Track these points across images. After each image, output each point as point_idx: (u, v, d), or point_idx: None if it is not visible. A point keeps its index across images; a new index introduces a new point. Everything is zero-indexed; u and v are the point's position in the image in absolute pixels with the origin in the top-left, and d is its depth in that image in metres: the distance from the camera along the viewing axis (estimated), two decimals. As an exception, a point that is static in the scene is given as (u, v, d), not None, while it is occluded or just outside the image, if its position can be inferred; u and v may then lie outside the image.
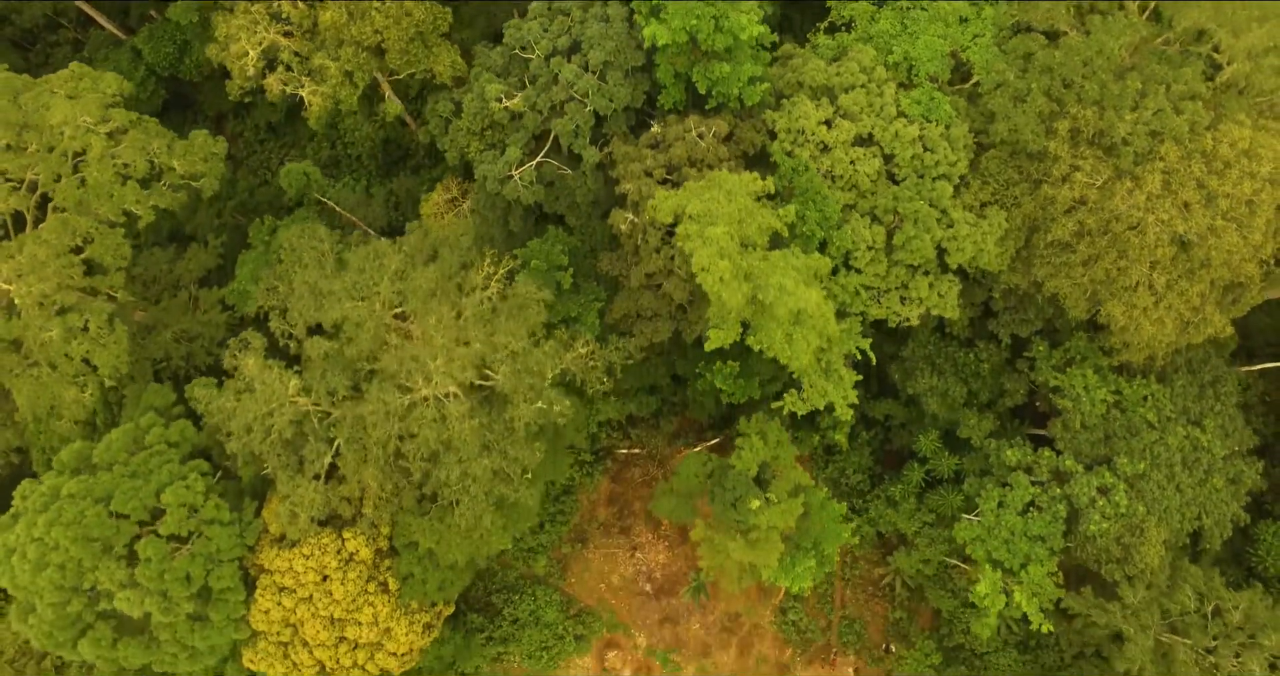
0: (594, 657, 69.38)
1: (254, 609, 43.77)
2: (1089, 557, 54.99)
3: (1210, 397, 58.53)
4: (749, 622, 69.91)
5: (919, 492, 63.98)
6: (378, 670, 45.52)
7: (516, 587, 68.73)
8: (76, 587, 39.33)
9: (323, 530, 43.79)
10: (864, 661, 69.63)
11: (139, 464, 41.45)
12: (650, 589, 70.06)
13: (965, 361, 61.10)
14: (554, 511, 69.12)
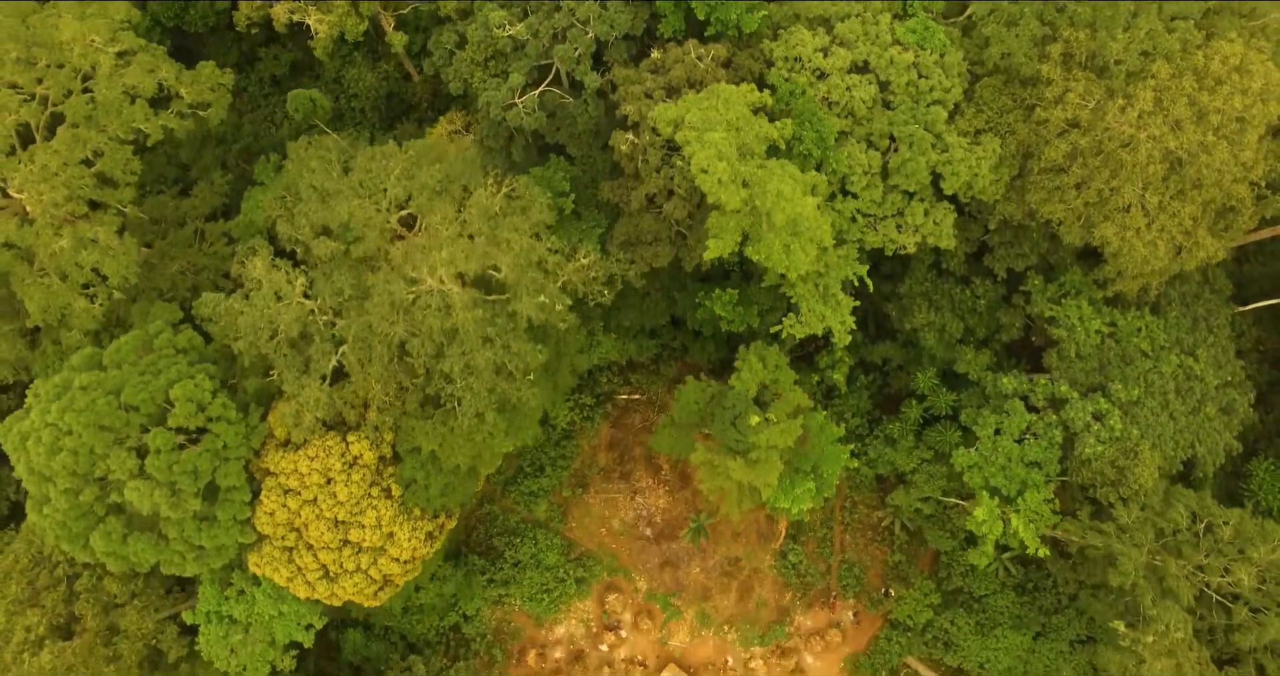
0: (594, 601, 69.72)
1: (259, 511, 44.27)
2: (1084, 481, 55.55)
3: (1203, 330, 59.28)
4: (749, 566, 70.29)
5: (917, 430, 64.60)
6: (380, 576, 45.93)
7: (518, 531, 69.16)
8: (89, 475, 39.87)
9: (327, 433, 44.38)
10: (863, 605, 69.99)
11: (148, 364, 42.08)
12: (650, 533, 70.47)
13: (962, 298, 61.81)
14: (555, 456, 69.66)
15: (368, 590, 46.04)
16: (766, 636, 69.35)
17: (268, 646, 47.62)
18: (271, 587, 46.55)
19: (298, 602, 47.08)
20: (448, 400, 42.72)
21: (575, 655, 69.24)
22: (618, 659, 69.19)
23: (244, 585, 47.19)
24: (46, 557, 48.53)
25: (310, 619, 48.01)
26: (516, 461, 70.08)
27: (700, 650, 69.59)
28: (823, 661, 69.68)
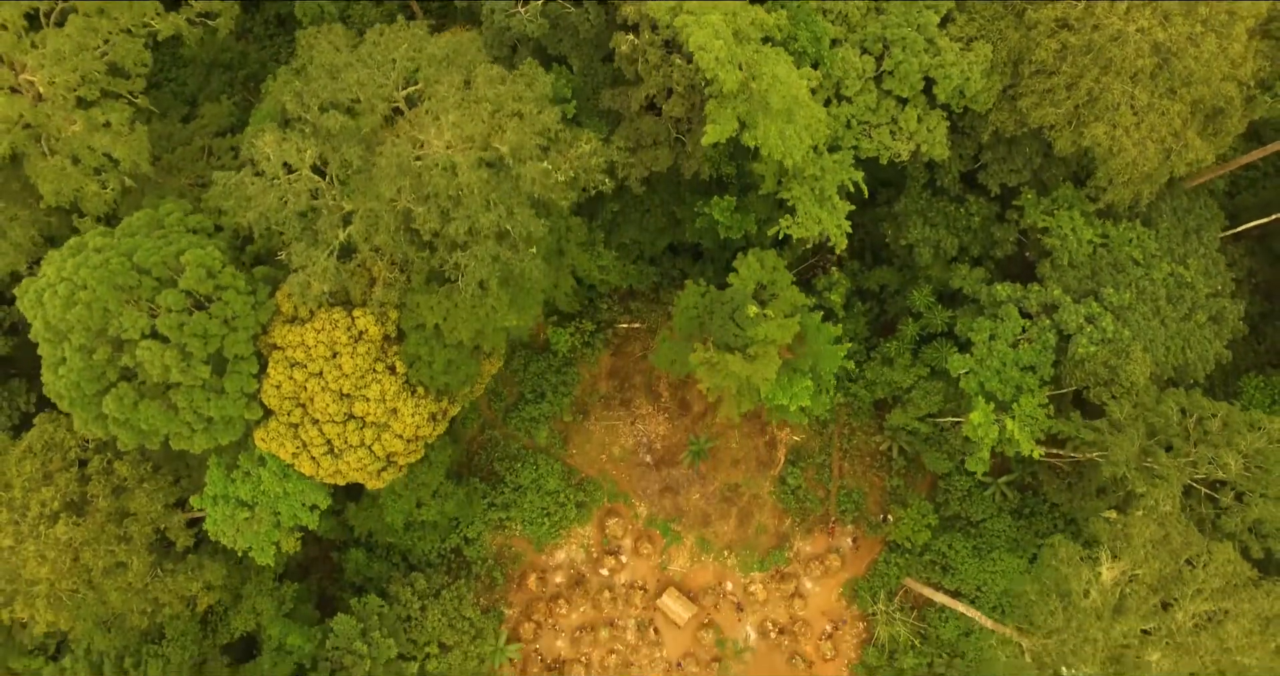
0: (595, 526, 70.32)
1: (266, 384, 45.04)
2: (1077, 382, 56.36)
3: (1194, 242, 60.29)
4: (748, 493, 70.95)
5: (913, 348, 65.43)
6: (383, 453, 46.63)
7: (519, 457, 69.85)
8: (102, 333, 40.70)
9: (334, 308, 45.27)
10: (862, 530, 70.58)
11: (160, 235, 43.13)
12: (650, 460, 71.16)
13: (956, 215, 62.81)
14: (555, 382, 70.47)
15: (371, 467, 46.73)
16: (766, 561, 69.93)
17: (273, 527, 48.32)
18: (277, 466, 47.31)
19: (302, 482, 47.79)
20: (452, 273, 43.61)
21: (575, 579, 69.76)
22: (618, 583, 69.70)
23: (250, 466, 47.92)
24: (59, 443, 49.30)
25: (315, 499, 48.70)
26: (518, 388, 70.99)
27: (700, 575, 70.13)
28: (822, 586, 70.20)
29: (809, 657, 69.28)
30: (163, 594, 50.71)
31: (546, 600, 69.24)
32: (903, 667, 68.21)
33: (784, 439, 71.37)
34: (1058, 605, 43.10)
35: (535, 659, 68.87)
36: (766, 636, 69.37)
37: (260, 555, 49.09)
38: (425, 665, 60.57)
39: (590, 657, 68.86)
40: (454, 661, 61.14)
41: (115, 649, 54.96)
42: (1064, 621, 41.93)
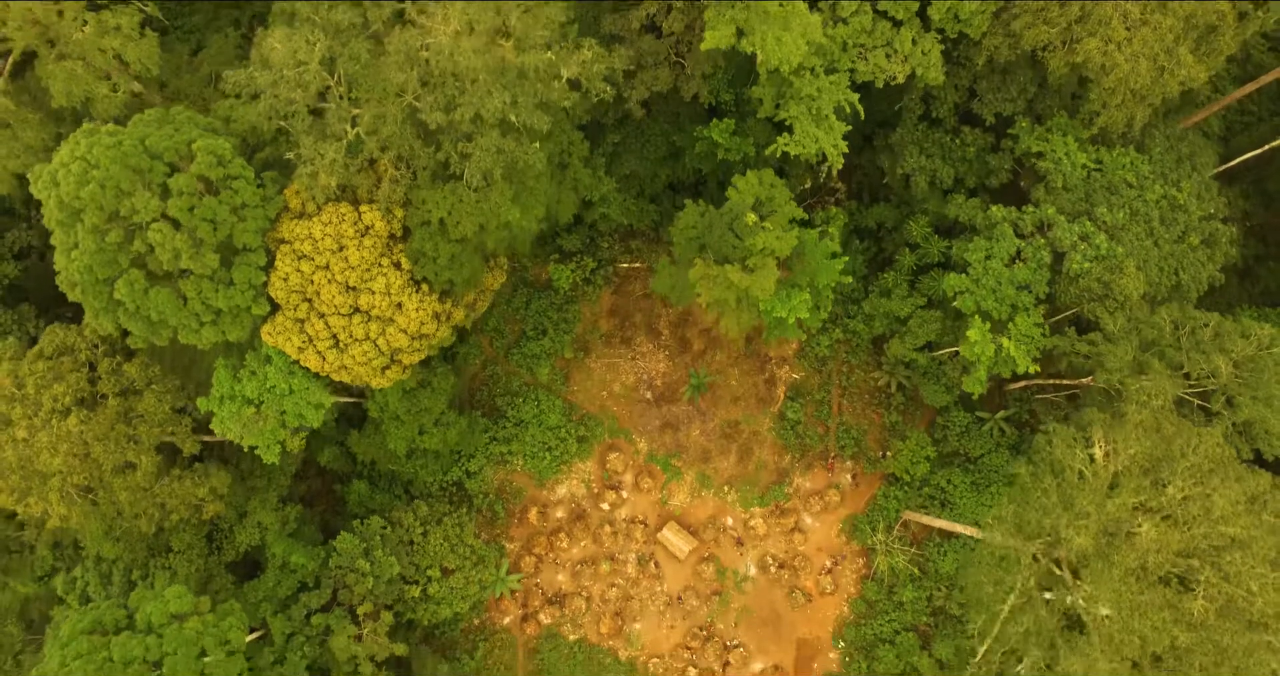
0: (595, 462, 70.90)
1: (273, 276, 45.79)
2: (1071, 299, 57.14)
3: (1187, 167, 61.18)
4: (748, 430, 71.57)
5: (911, 279, 66.25)
6: (388, 348, 47.30)
7: (520, 393, 70.54)
8: (115, 214, 41.52)
9: (340, 203, 46.15)
10: (861, 467, 71.13)
11: (171, 128, 44.07)
12: (651, 396, 71.83)
13: (952, 146, 63.80)
14: (557, 319, 71.25)
15: (375, 361, 47.40)
16: (765, 497, 70.47)
17: (279, 426, 48.96)
18: (283, 363, 48.01)
19: (308, 379, 48.49)
20: (458, 168, 44.50)
21: (576, 514, 70.28)
22: (618, 518, 70.21)
23: (256, 366, 48.60)
24: (69, 347, 50.02)
25: (319, 398, 49.35)
26: (519, 326, 71.76)
27: (700, 510, 70.65)
28: (821, 522, 70.69)
29: (809, 592, 69.67)
30: (170, 498, 51.31)
31: (547, 534, 69.73)
32: (902, 600, 68.61)
33: (783, 376, 72.09)
34: (1051, 483, 43.71)
35: (536, 592, 69.28)
36: (766, 570, 69.79)
37: (267, 454, 49.71)
38: (427, 588, 60.97)
39: (591, 591, 69.25)
40: (456, 584, 61.55)
41: (124, 561, 55.54)
42: (1057, 498, 42.54)
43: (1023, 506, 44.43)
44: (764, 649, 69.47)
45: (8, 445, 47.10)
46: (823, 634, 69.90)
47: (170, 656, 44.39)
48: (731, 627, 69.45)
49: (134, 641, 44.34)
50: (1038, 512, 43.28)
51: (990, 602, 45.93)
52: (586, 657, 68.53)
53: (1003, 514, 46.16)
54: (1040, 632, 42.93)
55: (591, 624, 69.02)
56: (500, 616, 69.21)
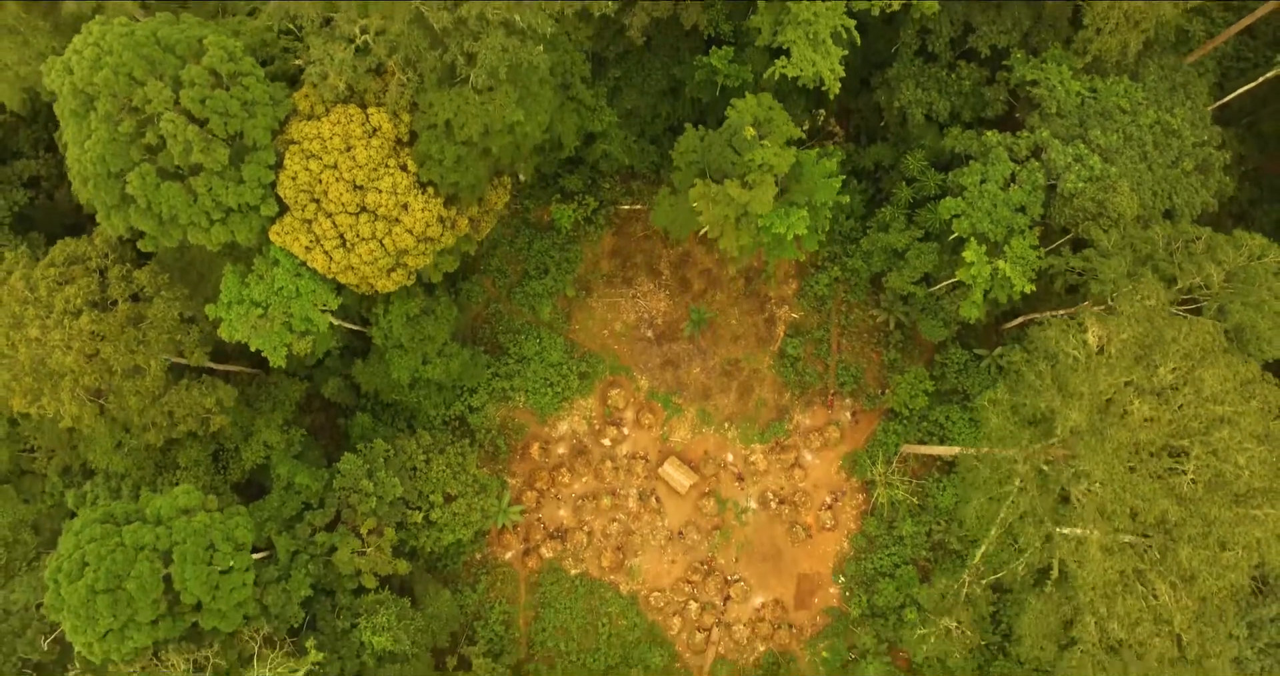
0: (597, 399, 71.61)
1: (282, 175, 46.66)
2: (1065, 220, 57.99)
3: (1181, 95, 62.14)
4: (748, 368, 72.31)
5: (908, 213, 67.08)
6: (394, 249, 48.13)
7: (522, 330, 71.34)
8: (128, 104, 42.46)
9: (349, 104, 47.12)
10: (861, 404, 71.81)
11: (183, 26, 45.15)
12: (652, 335, 72.60)
13: (948, 80, 64.82)
14: (559, 259, 72.13)
15: (382, 261, 48.23)
16: (766, 433, 71.12)
17: (285, 328, 49.71)
18: (291, 264, 48.85)
19: (314, 280, 49.29)
20: (463, 70, 45.49)
21: (578, 449, 70.93)
22: (620, 454, 70.85)
23: (264, 269, 49.45)
24: (80, 256, 50.93)
25: (325, 299, 50.10)
26: (521, 266, 72.61)
27: (701, 446, 71.29)
28: (821, 458, 71.32)
29: (809, 527, 70.22)
30: (178, 407, 52.03)
31: (549, 469, 70.36)
32: (902, 534, 69.14)
33: (783, 316, 72.88)
34: (1046, 368, 44.41)
35: (538, 526, 69.84)
36: (767, 506, 70.36)
37: (274, 356, 50.43)
38: (429, 514, 61.58)
39: (592, 526, 69.81)
40: (458, 510, 62.11)
41: (132, 477, 56.23)
42: (1051, 380, 43.23)
43: (1017, 389, 45.09)
44: (764, 583, 69.96)
45: (21, 344, 47.89)
46: (823, 569, 70.40)
47: (179, 545, 45.05)
48: (732, 562, 69.98)
49: (144, 529, 45.01)
50: (1032, 394, 43.96)
51: (988, 487, 46.53)
52: (588, 591, 69.01)
53: (998, 397, 46.81)
54: (1035, 512, 43.53)
55: (593, 558, 69.55)
56: (502, 551, 69.77)
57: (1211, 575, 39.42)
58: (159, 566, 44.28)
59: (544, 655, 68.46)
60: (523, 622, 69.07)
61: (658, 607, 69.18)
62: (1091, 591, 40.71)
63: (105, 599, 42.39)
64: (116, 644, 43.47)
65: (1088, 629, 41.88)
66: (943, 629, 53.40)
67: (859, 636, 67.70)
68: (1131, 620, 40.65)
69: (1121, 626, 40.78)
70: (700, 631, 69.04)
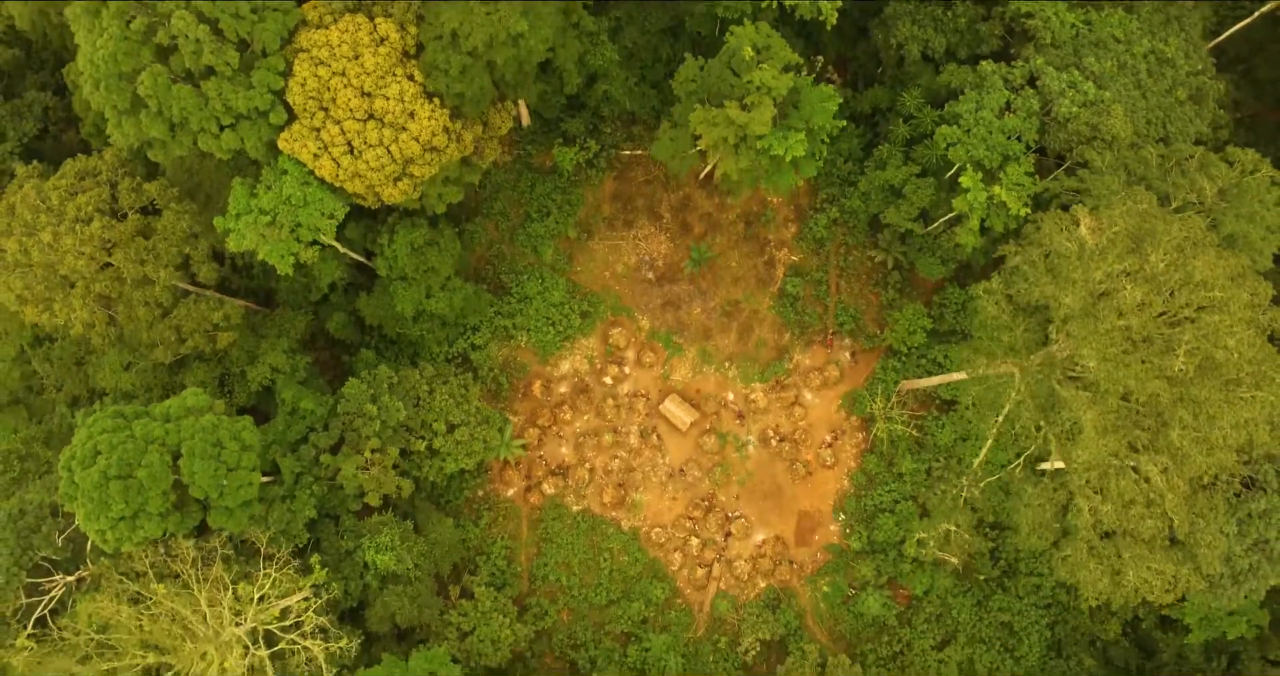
0: (598, 338, 72.34)
1: (291, 82, 47.50)
2: (1060, 145, 58.92)
3: (1175, 27, 63.15)
4: (748, 309, 73.09)
5: (905, 150, 68.00)
6: (400, 156, 48.96)
7: (525, 271, 72.18)
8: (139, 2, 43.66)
9: (356, 14, 48.15)
10: (860, 344, 72.52)
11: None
12: (653, 276, 73.41)
13: (943, 18, 65.87)
14: (561, 201, 73.03)
15: (388, 169, 49.08)
16: (766, 372, 71.83)
17: (292, 238, 50.51)
18: (299, 173, 49.72)
19: (322, 190, 50.13)
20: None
21: (579, 388, 71.61)
22: (621, 392, 71.52)
23: (272, 179, 50.31)
24: (91, 170, 51.86)
25: (332, 207, 50.90)
26: (524, 209, 73.48)
27: (701, 385, 71.97)
28: (821, 398, 71.99)
29: (809, 465, 70.81)
30: (186, 321, 52.81)
31: (551, 407, 71.03)
32: (901, 471, 69.71)
33: (782, 259, 73.70)
34: (1039, 257, 45.16)
35: (540, 463, 70.43)
36: (767, 444, 70.99)
37: (281, 264, 51.16)
38: (432, 443, 62.18)
39: (594, 463, 70.42)
40: (461, 439, 62.69)
41: (140, 398, 56.95)
42: (1044, 269, 43.98)
43: (1012, 281, 45.85)
44: (765, 520, 70.51)
45: (34, 249, 48.72)
46: (823, 506, 70.96)
47: (188, 441, 45.73)
48: (733, 499, 70.55)
49: (154, 424, 45.71)
50: (1026, 284, 44.69)
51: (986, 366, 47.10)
52: (590, 527, 69.55)
53: (993, 287, 47.55)
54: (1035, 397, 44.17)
55: (594, 494, 70.14)
56: (504, 488, 70.36)
57: (1200, 453, 40.04)
58: (168, 459, 44.94)
59: (545, 589, 68.93)
60: (524, 558, 69.58)
61: (659, 543, 69.71)
62: (1086, 472, 41.29)
63: (117, 485, 43.07)
64: (128, 531, 44.10)
65: (1082, 513, 42.46)
66: (942, 533, 53.84)
67: (859, 569, 68.18)
68: (1124, 501, 41.24)
69: (1115, 508, 41.36)
70: (701, 567, 69.54)
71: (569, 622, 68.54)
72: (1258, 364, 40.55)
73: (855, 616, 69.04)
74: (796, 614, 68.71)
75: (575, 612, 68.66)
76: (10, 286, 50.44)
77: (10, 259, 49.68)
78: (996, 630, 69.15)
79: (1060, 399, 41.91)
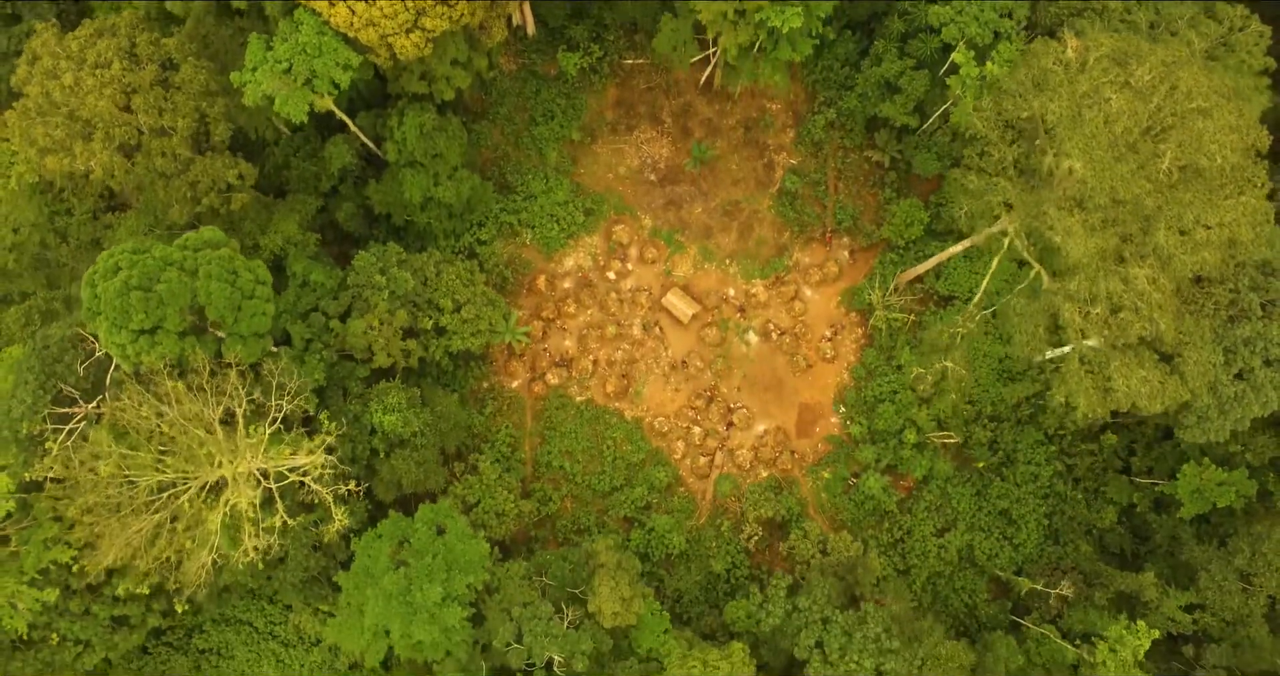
0: (602, 236, 73.80)
1: (307, -72, 49.63)
2: (1051, 19, 60.66)
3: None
4: (749, 208, 74.63)
5: (900, 45, 69.69)
6: (413, 5, 50.72)
7: (529, 171, 73.77)
8: None
9: None
10: (858, 243, 73.96)
11: None
12: (655, 178, 75.00)
13: (939, -85, 67.90)
14: (565, 106, 74.74)
15: (402, 18, 50.69)
16: (766, 269, 73.21)
17: (307, 88, 52.07)
18: (314, 22, 51.37)
19: (337, 40, 51.77)
20: None
21: (583, 282, 72.97)
22: (624, 287, 72.86)
23: (288, 31, 51.96)
24: (110, 27, 53.54)
25: (347, 57, 52.45)
26: (529, 113, 75.16)
27: (703, 280, 73.34)
28: (820, 294, 73.33)
29: (809, 358, 72.00)
30: (202, 176, 54.28)
31: (555, 301, 72.34)
32: (901, 364, 70.84)
33: (781, 162, 75.32)
34: (1026, 75, 46.59)
35: (544, 355, 71.64)
36: (768, 337, 72.25)
37: (296, 112, 52.73)
38: (439, 320, 63.40)
39: (597, 355, 71.63)
40: (467, 317, 63.89)
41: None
42: (1031, 84, 45.41)
43: (1000, 99, 47.27)
44: (766, 411, 71.62)
45: (55, 91, 50.30)
46: (824, 399, 72.09)
47: (205, 266, 47.07)
48: (734, 391, 71.70)
49: (173, 249, 47.08)
50: (1014, 99, 46.13)
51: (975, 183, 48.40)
52: (593, 417, 70.63)
53: (983, 104, 48.93)
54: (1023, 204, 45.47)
55: (598, 385, 71.31)
56: (509, 380, 71.54)
57: (1185, 252, 41.30)
58: (186, 280, 46.23)
59: (549, 476, 69.92)
60: (528, 447, 70.61)
61: (661, 432, 70.78)
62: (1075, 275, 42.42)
63: (138, 295, 44.32)
64: (147, 345, 45.31)
65: (1072, 322, 43.61)
66: (939, 370, 54.91)
67: (860, 452, 69.12)
68: (1113, 303, 42.43)
69: (1103, 313, 42.54)
70: (704, 456, 70.57)
71: (572, 509, 69.46)
72: (1241, 169, 41.93)
73: (856, 505, 69.96)
74: (798, 501, 69.64)
75: (579, 499, 69.63)
76: (32, 138, 51.98)
77: (32, 105, 51.28)
78: (995, 518, 70.08)
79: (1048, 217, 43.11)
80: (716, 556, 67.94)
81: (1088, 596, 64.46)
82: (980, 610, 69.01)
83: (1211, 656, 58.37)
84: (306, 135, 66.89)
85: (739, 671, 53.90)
